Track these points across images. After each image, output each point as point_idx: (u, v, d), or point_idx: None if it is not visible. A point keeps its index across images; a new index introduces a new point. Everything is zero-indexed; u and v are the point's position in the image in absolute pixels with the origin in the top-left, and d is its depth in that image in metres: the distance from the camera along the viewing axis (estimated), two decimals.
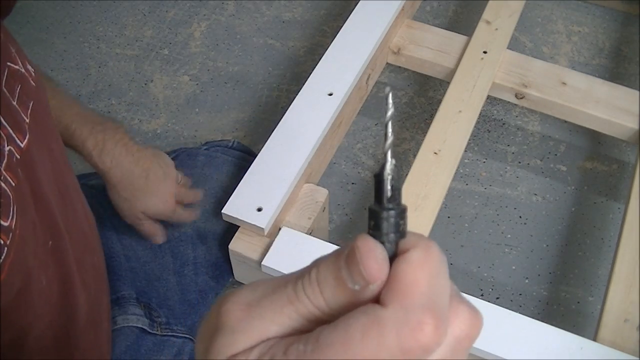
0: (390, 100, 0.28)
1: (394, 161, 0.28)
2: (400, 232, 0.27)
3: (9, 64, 0.53)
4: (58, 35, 1.65)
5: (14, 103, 0.52)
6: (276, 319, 0.27)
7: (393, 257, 0.26)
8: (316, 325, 0.26)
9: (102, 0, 1.74)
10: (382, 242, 0.27)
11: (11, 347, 0.53)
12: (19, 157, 0.51)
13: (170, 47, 1.66)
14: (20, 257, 0.50)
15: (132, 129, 1.50)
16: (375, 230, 0.27)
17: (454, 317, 0.27)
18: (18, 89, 0.53)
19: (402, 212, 0.28)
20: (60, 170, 0.60)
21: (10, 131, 0.50)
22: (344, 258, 0.26)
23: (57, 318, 0.59)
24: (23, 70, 0.55)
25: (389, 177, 0.28)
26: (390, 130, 0.28)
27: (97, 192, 0.86)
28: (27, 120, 0.53)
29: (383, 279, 0.26)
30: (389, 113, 0.28)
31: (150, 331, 0.80)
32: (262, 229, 0.85)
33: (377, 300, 0.26)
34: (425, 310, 0.25)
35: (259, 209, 0.85)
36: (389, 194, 0.28)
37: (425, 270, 0.25)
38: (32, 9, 1.69)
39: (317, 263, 0.27)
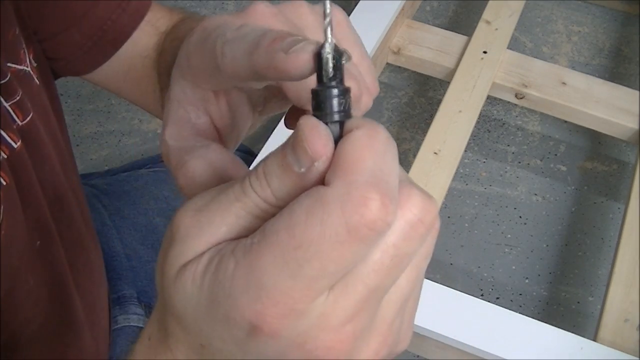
0: None
1: (333, 40, 0.27)
2: (345, 111, 0.26)
3: (13, 65, 0.52)
4: None
5: (7, 105, 0.51)
6: (225, 220, 0.26)
7: (339, 139, 0.25)
8: (265, 222, 0.25)
9: None
10: (326, 123, 0.26)
11: (5, 348, 0.53)
12: (6, 156, 0.51)
13: None
14: (6, 257, 0.50)
15: (132, 128, 1.50)
16: (318, 111, 0.26)
17: (405, 201, 0.25)
18: (18, 90, 0.53)
19: (344, 91, 0.26)
20: (57, 171, 0.60)
21: (1, 132, 0.50)
22: (289, 144, 0.25)
23: (50, 319, 0.58)
24: (28, 69, 0.55)
25: (330, 56, 0.26)
26: (328, 7, 0.27)
27: (99, 191, 0.86)
28: (20, 122, 0.53)
29: (328, 156, 0.24)
30: None
31: None
32: None
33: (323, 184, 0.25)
34: (370, 185, 0.23)
35: None
36: (330, 73, 0.26)
37: (370, 149, 0.24)
38: None
39: (263, 159, 0.26)
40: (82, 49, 0.61)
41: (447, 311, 0.74)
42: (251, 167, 0.32)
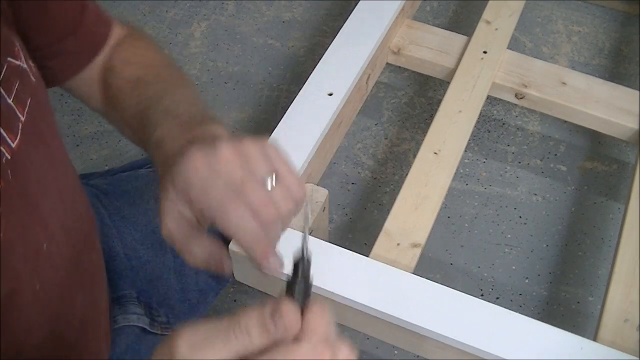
0: (308, 210, 0.43)
1: (309, 251, 0.44)
2: (308, 288, 0.43)
3: (9, 59, 0.53)
4: None
5: (9, 101, 0.51)
6: (215, 356, 0.38)
7: (303, 304, 0.41)
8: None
9: (102, 0, 1.74)
10: (295, 290, 0.43)
11: (7, 348, 0.53)
12: (9, 157, 0.50)
13: (170, 47, 1.66)
14: (6, 261, 0.50)
15: None
16: (289, 291, 0.43)
17: (337, 349, 0.40)
18: (17, 86, 0.53)
19: (310, 283, 0.44)
20: (58, 169, 0.60)
21: (2, 131, 0.50)
22: (269, 315, 0.39)
23: (52, 319, 0.58)
24: (25, 66, 0.55)
25: (302, 264, 0.44)
26: (308, 234, 0.46)
27: (99, 191, 0.86)
28: (23, 119, 0.53)
29: (298, 327, 0.39)
30: (309, 218, 0.37)
31: (151, 330, 0.80)
32: None
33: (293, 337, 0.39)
34: (325, 344, 0.39)
35: None
36: (299, 276, 0.43)
37: (322, 321, 0.40)
38: None
39: (246, 315, 0.39)
40: (70, 58, 0.65)
41: (447, 311, 0.74)
42: None
